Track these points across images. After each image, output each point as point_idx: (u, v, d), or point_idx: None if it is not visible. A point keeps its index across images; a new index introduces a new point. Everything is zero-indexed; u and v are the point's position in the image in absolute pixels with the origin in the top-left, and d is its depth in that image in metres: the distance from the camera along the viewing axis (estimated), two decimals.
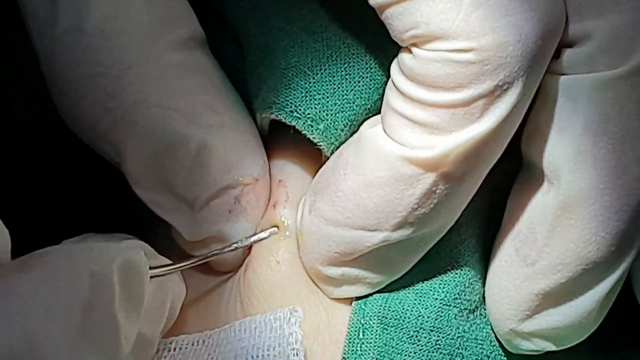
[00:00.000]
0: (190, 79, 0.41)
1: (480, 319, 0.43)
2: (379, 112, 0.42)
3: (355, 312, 0.41)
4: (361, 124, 0.42)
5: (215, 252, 0.41)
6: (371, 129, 0.40)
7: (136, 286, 0.35)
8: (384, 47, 0.42)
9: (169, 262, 0.40)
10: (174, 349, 0.38)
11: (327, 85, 0.42)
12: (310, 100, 0.42)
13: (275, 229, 0.42)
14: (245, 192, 0.42)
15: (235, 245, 0.41)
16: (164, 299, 0.38)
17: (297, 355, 0.37)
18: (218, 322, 0.41)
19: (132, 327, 0.34)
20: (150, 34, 0.40)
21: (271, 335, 0.37)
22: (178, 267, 0.39)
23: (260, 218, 0.43)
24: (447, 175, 0.37)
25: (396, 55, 0.39)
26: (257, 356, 0.37)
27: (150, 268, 0.36)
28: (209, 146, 0.41)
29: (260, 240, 0.42)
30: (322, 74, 0.42)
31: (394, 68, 0.39)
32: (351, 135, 0.42)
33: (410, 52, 0.37)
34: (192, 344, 0.38)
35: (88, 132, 0.40)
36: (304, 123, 0.41)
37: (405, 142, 0.37)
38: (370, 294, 0.42)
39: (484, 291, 0.43)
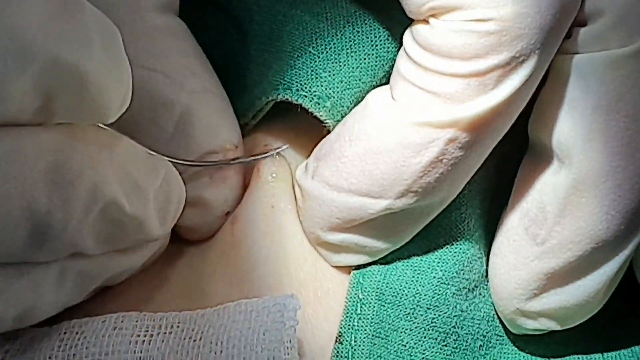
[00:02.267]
0: (174, 41, 0.41)
1: (479, 298, 0.43)
2: None
3: (353, 286, 0.41)
4: None
5: (217, 162, 0.41)
6: (379, 96, 0.39)
7: (111, 39, 0.34)
8: (388, 25, 0.42)
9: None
10: (165, 327, 0.37)
11: (332, 63, 0.42)
12: (317, 78, 0.42)
13: (285, 145, 0.43)
14: (226, 158, 0.41)
15: (240, 160, 0.41)
16: (157, 162, 0.38)
17: (290, 341, 0.36)
18: (207, 292, 0.41)
19: (117, 85, 0.33)
20: None
21: (268, 320, 0.37)
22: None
23: (241, 183, 0.42)
24: (455, 143, 0.37)
25: (401, 31, 0.39)
26: (252, 340, 0.37)
27: None
28: (192, 111, 0.40)
29: (265, 157, 0.43)
30: (327, 52, 0.42)
31: (407, 38, 0.39)
32: None
33: (426, 22, 0.37)
34: (183, 322, 0.38)
35: None
36: (310, 101, 0.41)
37: (415, 110, 0.37)
38: (369, 265, 0.42)
39: (484, 270, 0.43)
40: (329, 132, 0.42)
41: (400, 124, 0.38)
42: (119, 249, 0.37)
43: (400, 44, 0.40)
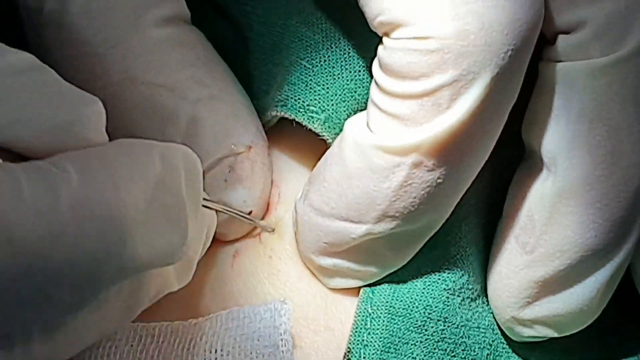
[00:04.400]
0: (177, 53, 0.41)
1: (482, 307, 0.43)
2: None
3: (363, 301, 0.41)
4: None
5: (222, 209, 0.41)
6: (355, 119, 0.40)
7: (195, 182, 0.35)
8: None
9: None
10: (158, 337, 0.38)
11: (326, 76, 0.42)
12: (310, 92, 0.42)
13: (270, 227, 0.43)
14: (239, 161, 0.41)
15: (234, 212, 0.41)
16: (205, 226, 0.39)
17: (285, 345, 0.37)
18: (201, 307, 0.41)
19: (192, 223, 0.35)
20: (134, 11, 0.40)
21: (260, 326, 0.37)
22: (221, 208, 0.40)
23: (261, 182, 0.42)
24: (421, 167, 0.37)
25: None
26: (246, 346, 0.37)
27: None
28: (198, 119, 0.40)
29: (254, 224, 0.42)
30: (321, 65, 0.42)
31: (374, 61, 0.38)
32: None
33: (382, 43, 0.37)
34: (176, 331, 0.38)
35: None
36: (303, 115, 0.42)
37: (379, 134, 0.37)
38: (378, 282, 0.42)
39: (484, 280, 0.43)
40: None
41: (367, 147, 0.38)
42: None
43: None
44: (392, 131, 0.37)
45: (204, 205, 0.37)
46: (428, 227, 0.40)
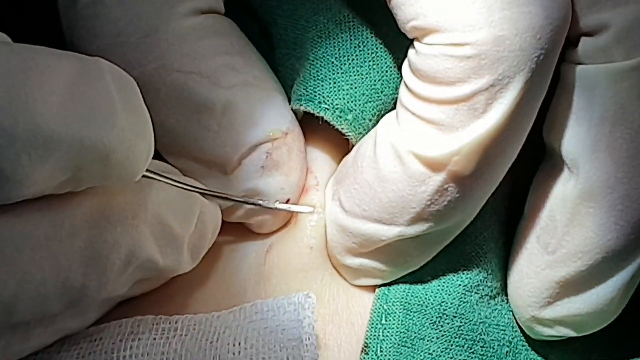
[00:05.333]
0: (210, 41, 0.41)
1: (502, 305, 0.43)
2: None
3: (379, 298, 0.42)
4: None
5: (241, 199, 0.41)
6: (387, 124, 0.40)
7: (131, 89, 0.33)
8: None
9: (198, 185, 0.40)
10: (181, 330, 0.38)
11: (354, 75, 0.42)
12: (339, 90, 0.42)
13: (310, 207, 0.42)
14: (276, 146, 0.41)
15: (266, 204, 0.41)
16: (192, 203, 0.38)
17: (309, 339, 0.37)
18: (229, 300, 0.41)
19: (137, 128, 0.33)
20: (168, 1, 0.40)
21: (284, 319, 0.37)
22: (180, 185, 0.38)
23: (298, 169, 0.42)
24: (457, 174, 0.37)
25: None
26: (270, 339, 0.37)
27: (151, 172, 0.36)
28: (233, 105, 0.40)
29: (292, 211, 0.42)
30: (349, 64, 0.42)
31: (404, 64, 0.39)
32: None
33: (414, 47, 0.37)
34: (199, 324, 0.38)
35: None
36: (332, 114, 0.42)
37: (415, 140, 0.38)
38: (394, 280, 0.43)
39: (504, 277, 0.43)
40: (353, 145, 0.43)
41: (403, 153, 0.38)
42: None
43: None
44: (428, 137, 0.37)
45: (144, 176, 0.36)
46: (456, 227, 0.40)
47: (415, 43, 0.37)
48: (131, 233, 0.35)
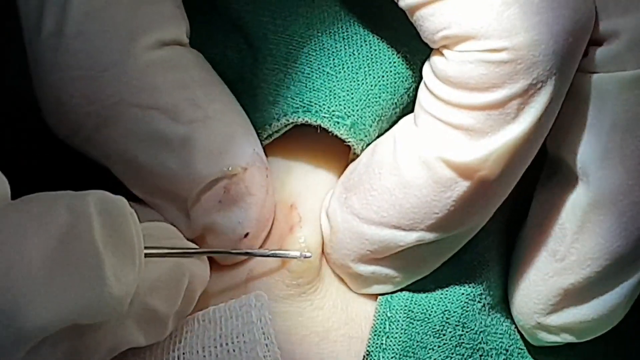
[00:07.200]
0: (170, 75, 0.40)
1: (501, 313, 0.43)
2: (407, 106, 0.42)
3: (382, 305, 0.42)
4: (390, 119, 0.42)
5: (240, 252, 0.41)
6: (407, 130, 0.39)
7: (120, 225, 0.34)
8: (406, 41, 0.42)
9: (191, 245, 0.40)
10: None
11: (350, 82, 0.42)
12: (335, 98, 0.42)
13: (307, 253, 0.41)
14: (234, 182, 0.40)
15: (255, 252, 0.41)
16: (180, 278, 0.38)
17: (268, 338, 0.37)
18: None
19: (126, 270, 0.33)
20: (130, 34, 0.39)
21: (238, 323, 0.37)
22: (176, 253, 0.38)
23: (258, 204, 0.41)
24: (484, 179, 0.37)
25: (419, 49, 0.39)
26: (226, 344, 0.37)
27: (149, 248, 0.36)
28: (192, 141, 0.39)
29: (287, 257, 0.41)
30: (344, 72, 0.42)
31: (426, 71, 0.38)
32: (380, 131, 0.42)
33: (442, 54, 0.37)
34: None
35: (72, 137, 0.40)
36: (329, 120, 0.41)
37: (443, 145, 0.37)
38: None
39: (505, 286, 0.44)
40: (355, 154, 0.42)
41: (431, 159, 0.38)
42: None
43: (420, 59, 0.40)
44: (457, 143, 0.37)
45: (149, 255, 0.35)
46: (471, 231, 0.40)
47: (445, 51, 0.37)
48: (114, 332, 0.35)
